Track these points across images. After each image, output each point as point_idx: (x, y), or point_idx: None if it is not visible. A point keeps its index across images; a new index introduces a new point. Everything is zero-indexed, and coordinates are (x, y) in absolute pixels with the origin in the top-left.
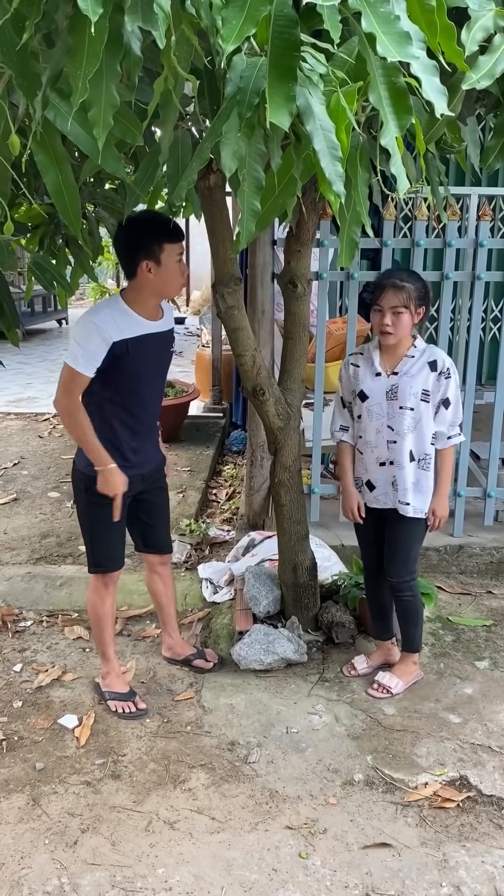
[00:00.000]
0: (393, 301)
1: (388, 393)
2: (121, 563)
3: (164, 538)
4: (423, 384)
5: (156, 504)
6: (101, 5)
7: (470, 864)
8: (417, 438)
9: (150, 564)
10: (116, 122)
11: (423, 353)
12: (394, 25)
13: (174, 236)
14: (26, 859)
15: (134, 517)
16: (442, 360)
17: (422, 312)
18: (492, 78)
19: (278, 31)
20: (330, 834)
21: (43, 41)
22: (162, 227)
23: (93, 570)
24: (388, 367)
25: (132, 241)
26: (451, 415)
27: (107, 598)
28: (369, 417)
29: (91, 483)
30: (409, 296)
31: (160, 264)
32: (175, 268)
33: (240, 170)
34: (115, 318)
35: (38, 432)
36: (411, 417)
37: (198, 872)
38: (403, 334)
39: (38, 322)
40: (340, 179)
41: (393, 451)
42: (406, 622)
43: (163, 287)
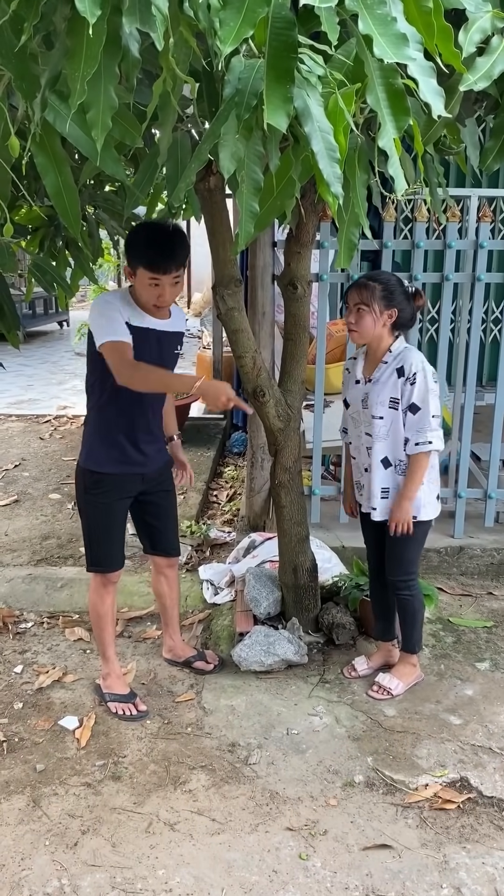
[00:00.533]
0: (355, 298)
1: (363, 401)
2: (120, 563)
3: (172, 541)
4: (390, 391)
5: (162, 506)
6: (99, 7)
7: (470, 866)
8: (391, 445)
9: (157, 567)
10: (115, 124)
11: (395, 359)
12: (391, 27)
13: (149, 264)
14: (27, 860)
15: (140, 520)
16: (410, 364)
17: (392, 315)
18: (490, 79)
19: (276, 32)
20: (330, 835)
21: (42, 43)
22: (144, 250)
23: (91, 568)
24: (367, 374)
25: (126, 244)
26: (417, 421)
27: (106, 598)
28: (353, 424)
29: (92, 481)
30: (372, 294)
31: (135, 276)
32: (143, 287)
33: (238, 171)
34: (124, 304)
35: (39, 434)
36: (382, 425)
37: (198, 874)
38: (367, 333)
39: (38, 324)
40: (339, 181)
41: (369, 458)
42: (404, 622)
43: (138, 296)
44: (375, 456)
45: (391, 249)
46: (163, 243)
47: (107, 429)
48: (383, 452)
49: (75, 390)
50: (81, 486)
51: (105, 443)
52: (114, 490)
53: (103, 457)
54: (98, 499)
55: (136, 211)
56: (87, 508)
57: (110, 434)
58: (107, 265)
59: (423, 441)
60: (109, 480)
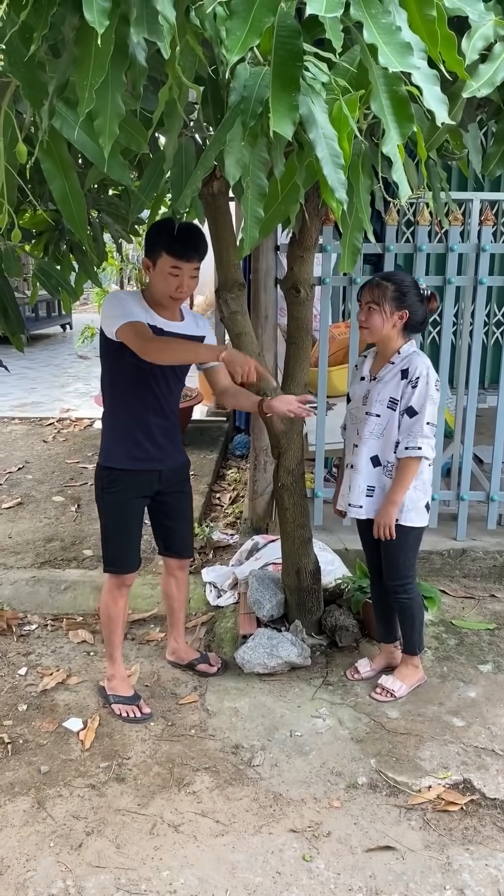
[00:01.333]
0: (367, 296)
1: (364, 398)
2: (135, 565)
3: (186, 542)
4: (392, 391)
5: (177, 507)
6: (107, 17)
7: (474, 868)
8: (383, 444)
9: (168, 568)
10: (122, 131)
11: (402, 360)
12: (395, 36)
13: (174, 250)
14: (31, 862)
15: (156, 521)
16: (415, 368)
17: (403, 316)
18: (492, 86)
19: (281, 41)
20: (334, 837)
21: (49, 52)
22: (168, 236)
23: (107, 569)
24: (373, 372)
25: (147, 237)
26: (411, 425)
27: (120, 600)
28: (350, 420)
29: (109, 479)
30: (384, 294)
31: (155, 267)
32: (168, 279)
33: (243, 177)
34: (136, 302)
35: (43, 437)
36: (376, 423)
37: (202, 875)
38: (377, 332)
39: (42, 327)
40: (343, 186)
41: (355, 455)
42: (404, 625)
43: (155, 290)
44: (364, 454)
45: (394, 253)
46: (186, 233)
47: (123, 424)
48: (373, 451)
49: (78, 393)
50: (99, 484)
51: (121, 438)
52: (130, 488)
53: (120, 453)
54: (114, 497)
55: (140, 215)
56: (105, 507)
57: (126, 429)
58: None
59: (413, 446)
60: (126, 478)
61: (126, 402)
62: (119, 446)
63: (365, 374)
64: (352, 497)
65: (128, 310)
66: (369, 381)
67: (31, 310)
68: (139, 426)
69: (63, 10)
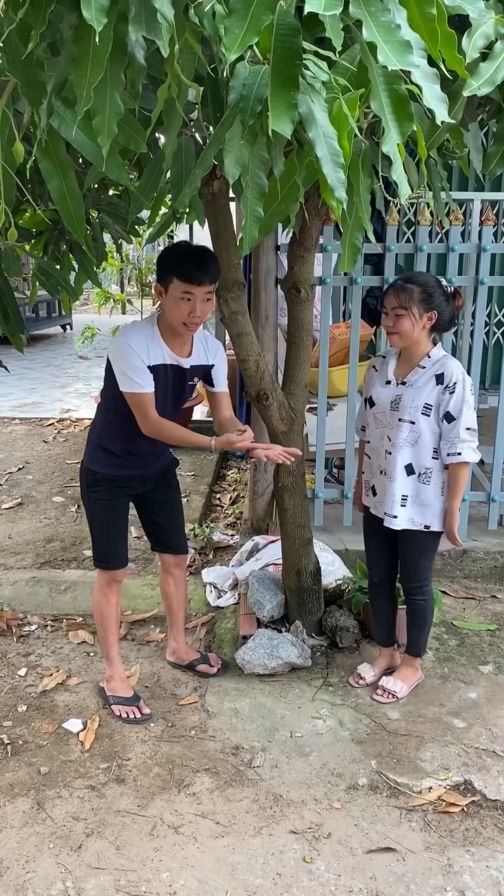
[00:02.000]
0: (392, 302)
1: (392, 403)
2: (123, 562)
3: (178, 538)
4: (426, 397)
5: (164, 503)
6: (105, 15)
7: (475, 869)
8: (417, 452)
9: (165, 565)
10: (120, 130)
11: (434, 364)
12: (395, 34)
13: (182, 273)
14: (31, 863)
15: (145, 517)
16: (451, 373)
17: (432, 317)
18: (493, 84)
19: (280, 39)
20: (334, 838)
21: (48, 50)
22: (178, 260)
23: (97, 564)
24: (400, 376)
25: (159, 262)
26: (449, 431)
27: (111, 597)
28: (375, 424)
29: (93, 480)
30: (411, 297)
31: (166, 293)
32: (179, 304)
33: (243, 176)
34: (145, 343)
35: (43, 437)
36: (410, 430)
37: (202, 877)
38: (407, 337)
39: (42, 327)
40: (342, 186)
41: (388, 462)
42: (413, 625)
43: (168, 316)
44: (398, 462)
45: (394, 253)
46: (197, 256)
47: (112, 437)
48: (407, 459)
49: (78, 393)
50: (84, 483)
51: (108, 449)
52: (114, 489)
53: (105, 462)
54: (99, 496)
55: (140, 215)
56: (90, 505)
57: (114, 443)
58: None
59: (454, 452)
60: (110, 480)
61: (119, 418)
62: (105, 455)
63: (391, 378)
64: (387, 506)
65: (134, 374)
66: (397, 386)
67: (31, 310)
68: (127, 443)
69: (61, 8)
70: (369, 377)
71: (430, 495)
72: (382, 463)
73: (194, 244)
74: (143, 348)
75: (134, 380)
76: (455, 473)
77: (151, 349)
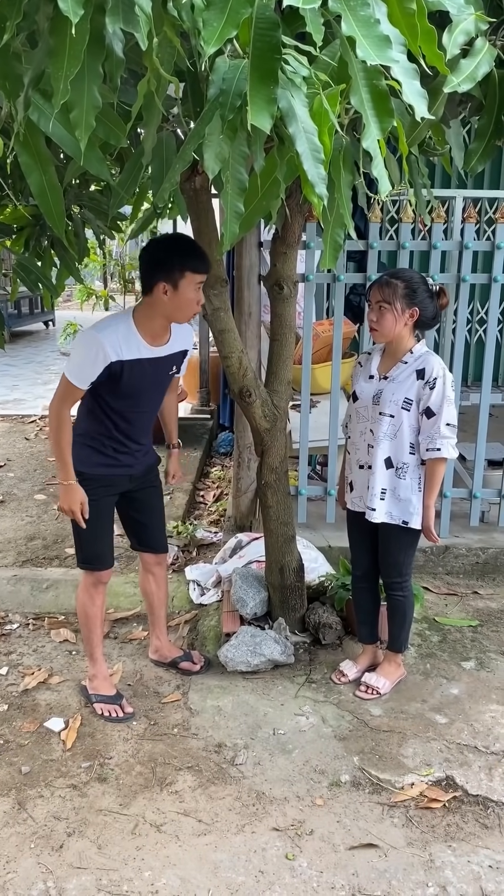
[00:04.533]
0: (377, 296)
1: (374, 397)
2: (109, 563)
3: (159, 537)
4: (406, 392)
5: (146, 502)
6: (81, 6)
7: (456, 864)
8: (396, 446)
9: (145, 564)
10: (100, 124)
11: (416, 360)
12: (374, 29)
13: (199, 267)
14: (11, 863)
15: (126, 515)
16: (431, 368)
17: (414, 314)
18: (473, 81)
19: (260, 33)
20: (317, 835)
21: (26, 42)
22: (188, 254)
23: (81, 565)
24: (383, 371)
25: (156, 258)
26: (430, 426)
27: (96, 598)
28: (357, 419)
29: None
30: (394, 292)
31: (177, 289)
32: (191, 297)
33: (223, 171)
34: (119, 338)
35: (25, 434)
36: (390, 424)
37: (184, 875)
38: (389, 332)
39: (24, 324)
40: (323, 182)
41: (371, 456)
42: (394, 622)
43: (174, 312)
44: (378, 455)
45: (377, 250)
46: (197, 247)
47: (96, 433)
48: (387, 452)
49: None
50: None
51: (93, 447)
52: (101, 488)
53: (92, 460)
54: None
55: (121, 210)
56: None
57: (99, 439)
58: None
59: (433, 447)
60: (97, 480)
61: (101, 413)
62: (91, 453)
63: (374, 373)
64: (367, 499)
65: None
66: (379, 380)
67: (13, 306)
68: (112, 437)
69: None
70: (355, 373)
71: (407, 490)
72: (363, 457)
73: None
74: (115, 346)
75: (80, 372)
76: (432, 469)
77: (127, 345)
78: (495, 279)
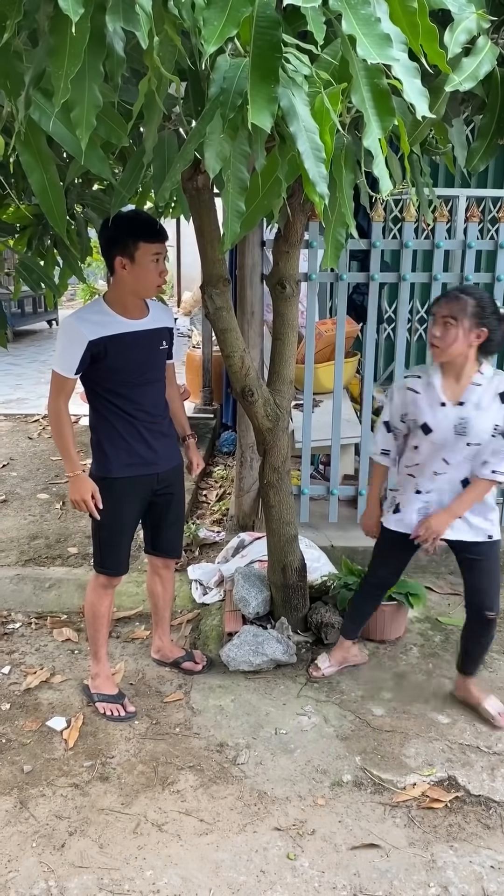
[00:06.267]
0: (443, 310)
1: (457, 427)
2: (126, 569)
3: (174, 542)
4: (494, 418)
5: (170, 509)
6: (81, 5)
7: (458, 865)
8: (473, 466)
9: (153, 566)
10: (101, 123)
11: (490, 382)
12: (374, 27)
13: (150, 235)
14: (13, 862)
15: (146, 521)
16: None
17: (481, 335)
18: (475, 80)
19: (260, 32)
20: (318, 835)
21: (28, 41)
22: (138, 225)
23: (98, 569)
24: (453, 397)
25: (110, 236)
26: (500, 448)
27: (105, 599)
28: (429, 450)
29: (108, 485)
30: (464, 309)
31: (134, 261)
32: (150, 267)
33: (224, 170)
34: (93, 318)
35: (28, 434)
36: (474, 450)
37: (186, 874)
38: (452, 350)
39: (28, 323)
40: (324, 181)
41: (436, 482)
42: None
43: (136, 285)
44: (455, 478)
45: (380, 249)
46: (148, 218)
47: (114, 432)
48: (465, 474)
49: None
50: None
51: (114, 447)
52: (127, 493)
53: (115, 462)
54: (110, 503)
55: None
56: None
57: (119, 437)
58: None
59: (500, 471)
60: (121, 483)
61: (113, 408)
62: (113, 455)
63: (444, 400)
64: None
65: (66, 357)
66: (454, 406)
67: (16, 305)
68: (130, 431)
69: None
70: (410, 401)
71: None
72: (426, 484)
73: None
74: (90, 326)
75: (63, 359)
76: (483, 488)
77: (104, 324)
78: (498, 278)
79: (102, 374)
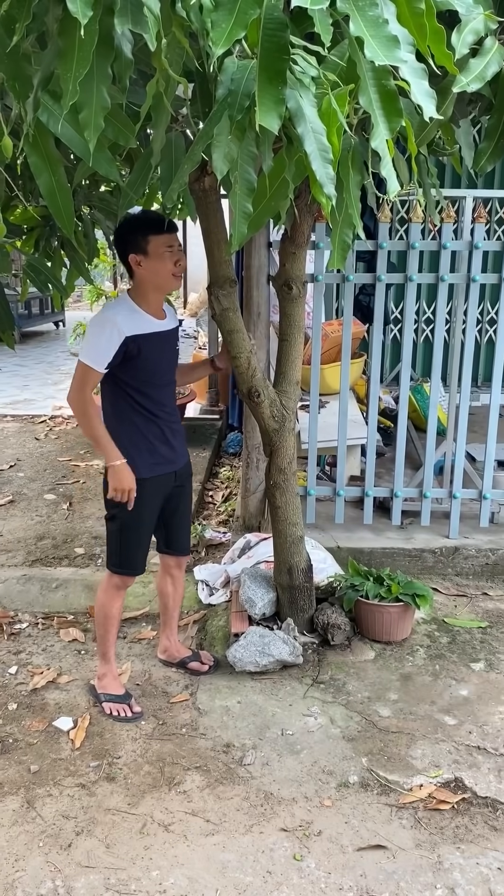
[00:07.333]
0: None
1: None
2: (143, 568)
3: (182, 540)
4: None
5: (178, 504)
6: (90, 8)
7: (464, 866)
8: None
9: (165, 566)
10: (109, 125)
11: None
12: (382, 29)
13: (157, 227)
14: (20, 862)
15: (158, 519)
16: None
17: None
18: (483, 81)
19: (268, 34)
20: (325, 836)
21: (35, 43)
22: (145, 221)
23: (114, 569)
24: None
25: (120, 238)
26: None
27: (117, 600)
28: None
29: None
30: None
31: (147, 255)
32: (165, 258)
33: (231, 172)
34: (129, 315)
35: (35, 434)
36: None
37: (192, 875)
38: None
39: (35, 324)
40: (331, 182)
41: None
42: None
43: (155, 279)
44: None
45: (387, 250)
46: (156, 214)
47: (137, 433)
48: None
49: None
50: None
51: (137, 448)
52: (150, 494)
53: (140, 463)
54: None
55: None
56: (121, 514)
57: (142, 437)
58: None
59: None
60: (149, 484)
61: (133, 409)
62: (135, 457)
63: None
64: None
65: (99, 351)
66: None
67: (23, 307)
68: (151, 431)
69: (46, 1)
70: None
71: None
72: None
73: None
74: (128, 323)
75: (97, 353)
76: None
77: (136, 321)
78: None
79: (131, 373)
